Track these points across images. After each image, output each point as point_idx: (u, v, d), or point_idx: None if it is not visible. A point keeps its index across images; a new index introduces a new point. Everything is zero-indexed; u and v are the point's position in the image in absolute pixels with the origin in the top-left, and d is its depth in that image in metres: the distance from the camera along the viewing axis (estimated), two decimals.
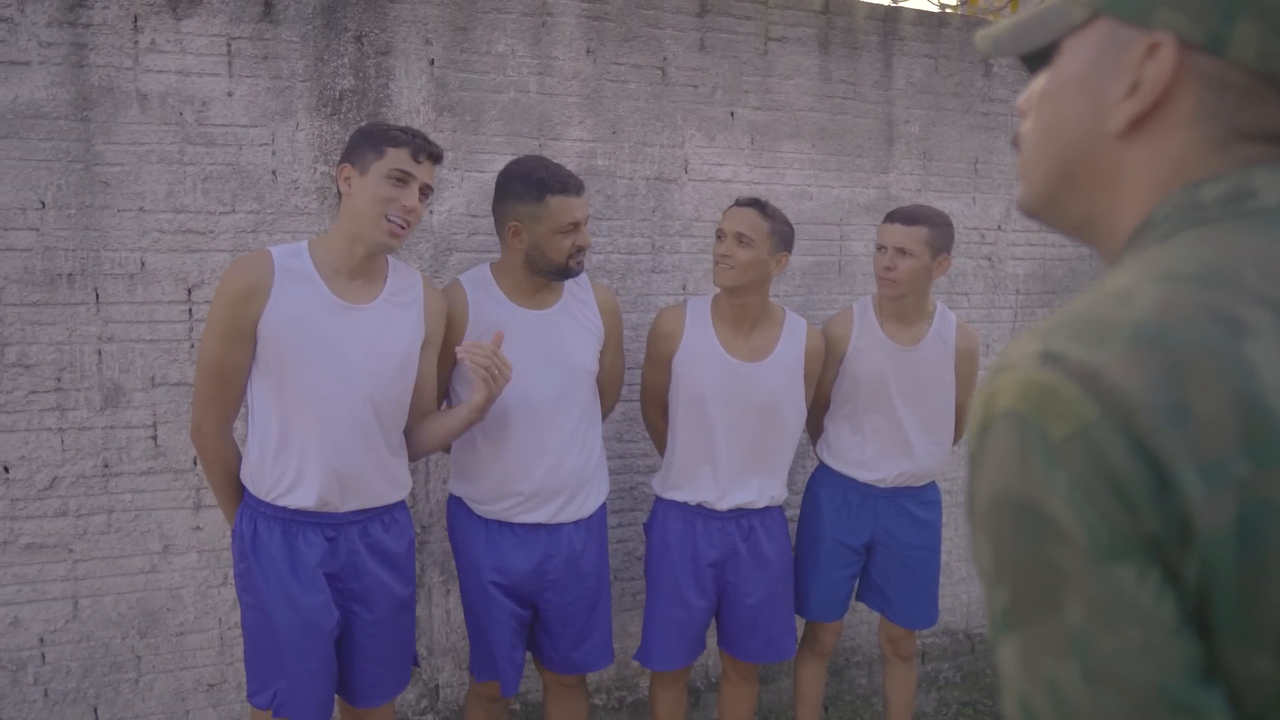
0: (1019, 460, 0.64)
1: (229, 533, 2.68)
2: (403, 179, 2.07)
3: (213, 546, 2.68)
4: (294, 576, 2.11)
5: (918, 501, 2.83)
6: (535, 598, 2.45)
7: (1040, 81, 0.83)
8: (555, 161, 2.47)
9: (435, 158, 2.13)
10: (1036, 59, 0.89)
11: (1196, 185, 0.73)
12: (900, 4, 3.37)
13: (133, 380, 2.57)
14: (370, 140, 2.09)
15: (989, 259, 3.58)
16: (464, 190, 2.82)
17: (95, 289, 2.52)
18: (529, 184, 2.30)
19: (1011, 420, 0.66)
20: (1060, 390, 0.64)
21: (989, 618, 0.71)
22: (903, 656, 2.95)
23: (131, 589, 2.63)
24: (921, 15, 3.39)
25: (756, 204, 2.51)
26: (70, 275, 2.49)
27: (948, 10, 3.79)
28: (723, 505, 2.58)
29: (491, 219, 2.81)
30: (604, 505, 2.55)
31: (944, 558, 3.55)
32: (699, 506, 2.60)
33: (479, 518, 2.43)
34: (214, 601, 2.71)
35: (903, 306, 2.71)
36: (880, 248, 2.67)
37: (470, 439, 2.41)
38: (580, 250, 2.35)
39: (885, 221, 2.68)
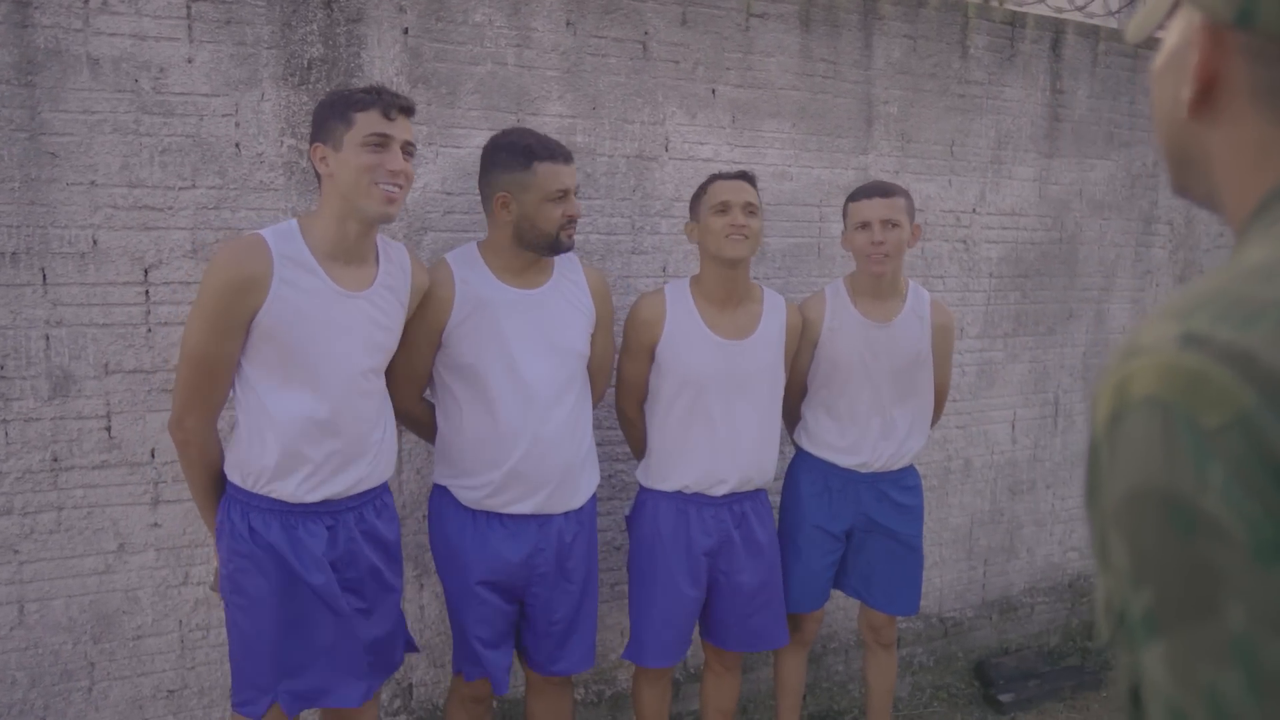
0: (1164, 451, 0.59)
1: (191, 529, 2.52)
2: (381, 142, 1.97)
3: (172, 544, 2.52)
4: (305, 567, 2.01)
5: (898, 486, 2.80)
6: (523, 593, 2.36)
7: (1156, 60, 0.82)
8: (541, 132, 2.37)
9: (407, 110, 2.03)
10: None
11: None
12: None
13: (84, 367, 2.39)
14: (334, 111, 1.98)
15: (964, 242, 3.56)
16: (439, 166, 2.68)
17: (42, 269, 2.32)
18: (516, 152, 2.24)
19: (1153, 407, 0.60)
20: (1211, 375, 0.58)
21: (1121, 618, 0.65)
22: (884, 644, 2.93)
23: (84, 591, 2.45)
24: None
25: (748, 175, 2.52)
26: (14, 254, 2.29)
27: None
28: (718, 490, 2.51)
29: (467, 198, 2.68)
30: (594, 498, 2.46)
31: None
32: (693, 494, 2.52)
33: (466, 510, 2.32)
34: (174, 603, 2.54)
35: (880, 283, 2.68)
36: (863, 225, 2.62)
37: (457, 423, 2.30)
38: (571, 221, 2.28)
39: (861, 199, 2.64)
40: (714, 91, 3.03)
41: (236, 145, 2.46)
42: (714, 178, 2.50)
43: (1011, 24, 3.61)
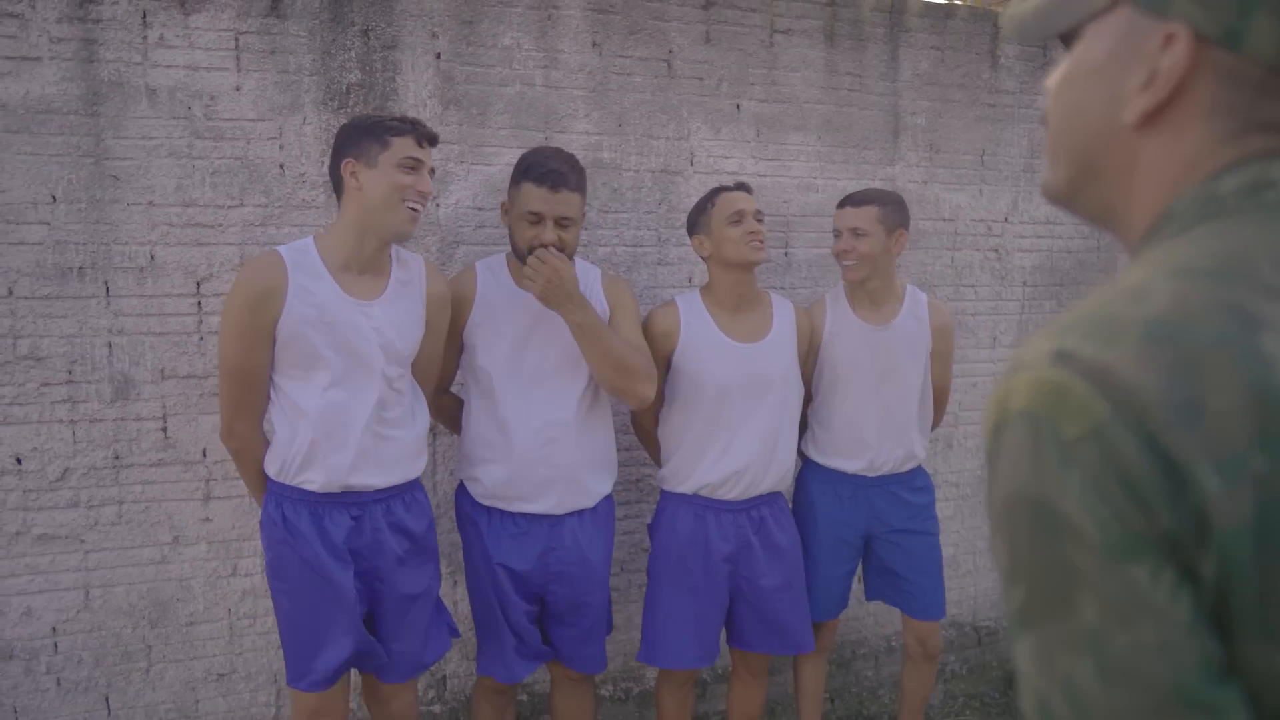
0: (1032, 460, 0.65)
1: (240, 524, 2.71)
2: (415, 166, 2.14)
3: (222, 538, 2.71)
4: (328, 554, 2.17)
5: (908, 488, 2.84)
6: (542, 590, 2.47)
7: (1063, 65, 0.82)
8: (570, 154, 2.47)
9: (434, 141, 2.21)
10: (1071, 37, 0.85)
11: (1215, 177, 0.72)
12: None
13: (142, 373, 2.59)
14: (370, 133, 2.14)
15: (996, 251, 3.58)
16: (470, 183, 2.83)
17: (105, 282, 2.54)
18: (518, 166, 2.40)
19: (1025, 420, 0.66)
20: (1072, 389, 0.63)
21: (1008, 616, 0.71)
22: (929, 655, 2.91)
23: (142, 579, 2.66)
24: (927, 7, 3.38)
25: (747, 186, 2.64)
26: (81, 269, 2.51)
27: (954, 1, 3.77)
28: (735, 493, 2.58)
29: (497, 213, 2.83)
30: (609, 499, 2.56)
31: (950, 550, 3.55)
32: (711, 499, 2.60)
33: (482, 506, 2.44)
34: (223, 592, 2.73)
35: (871, 289, 2.74)
36: (836, 233, 2.72)
37: (471, 420, 2.44)
38: (545, 247, 2.31)
39: (839, 207, 2.72)
40: (738, 106, 3.12)
41: (281, 166, 2.65)
42: (717, 190, 2.59)
43: None
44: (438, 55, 2.77)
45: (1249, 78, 0.71)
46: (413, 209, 2.14)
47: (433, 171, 2.21)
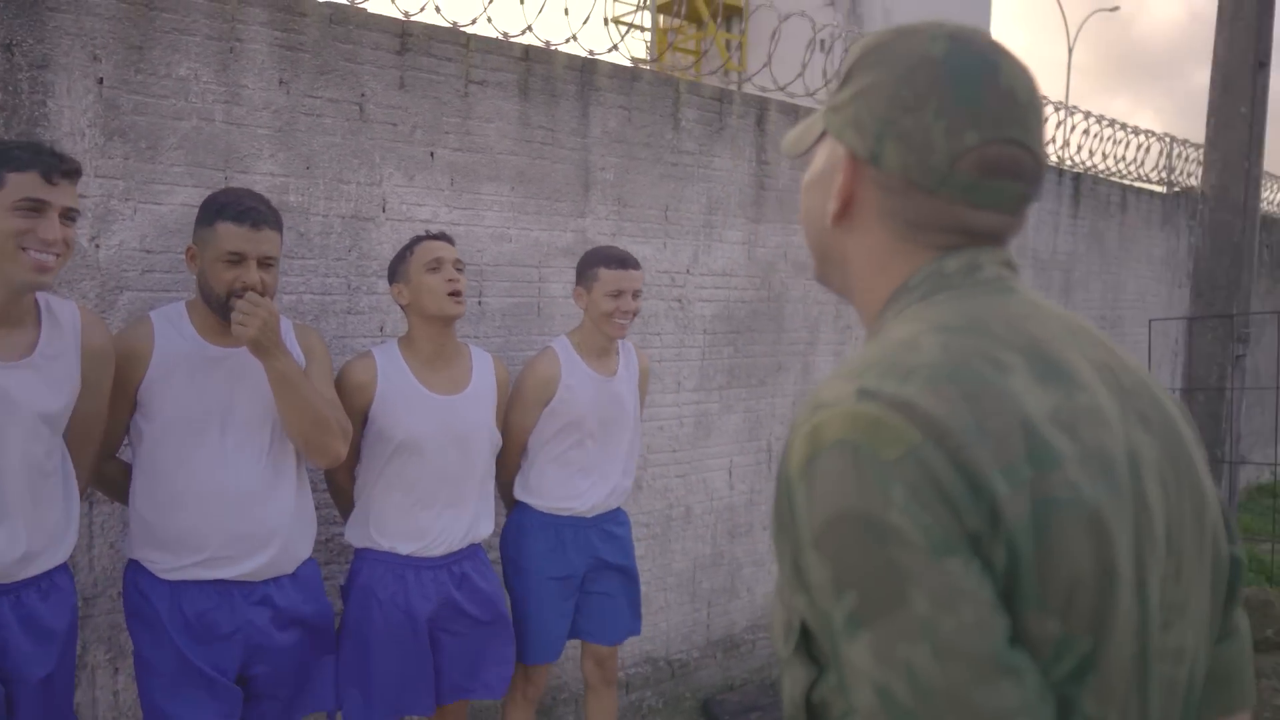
0: (856, 480, 0.76)
1: None
2: (35, 208, 1.81)
3: None
4: None
5: (615, 522, 3.01)
6: (244, 668, 2.29)
7: (806, 174, 1.02)
8: (262, 195, 2.33)
9: (73, 174, 1.88)
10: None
11: (941, 259, 0.91)
12: (596, 56, 3.51)
13: None
14: None
15: (679, 300, 3.79)
16: (137, 223, 2.57)
17: None
18: (208, 208, 2.23)
19: (844, 448, 0.77)
20: (885, 419, 0.76)
21: (825, 629, 0.79)
22: (608, 680, 3.04)
23: None
24: (616, 68, 3.55)
25: (448, 236, 2.65)
26: None
27: (640, 65, 3.98)
28: (437, 550, 2.54)
29: (169, 255, 2.60)
30: (312, 562, 2.42)
31: (643, 588, 3.68)
32: (410, 556, 2.52)
33: (164, 583, 2.21)
34: None
35: (601, 344, 2.88)
36: (617, 293, 2.81)
37: (156, 484, 2.21)
38: (248, 289, 2.15)
39: (616, 268, 2.81)
40: (433, 154, 3.09)
41: None
42: (418, 239, 2.57)
43: (720, 99, 3.91)
44: (100, 80, 2.50)
45: (895, 187, 0.90)
46: (37, 258, 1.82)
47: (73, 213, 1.89)
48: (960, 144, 0.86)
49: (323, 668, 2.44)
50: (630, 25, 13.85)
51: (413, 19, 3.04)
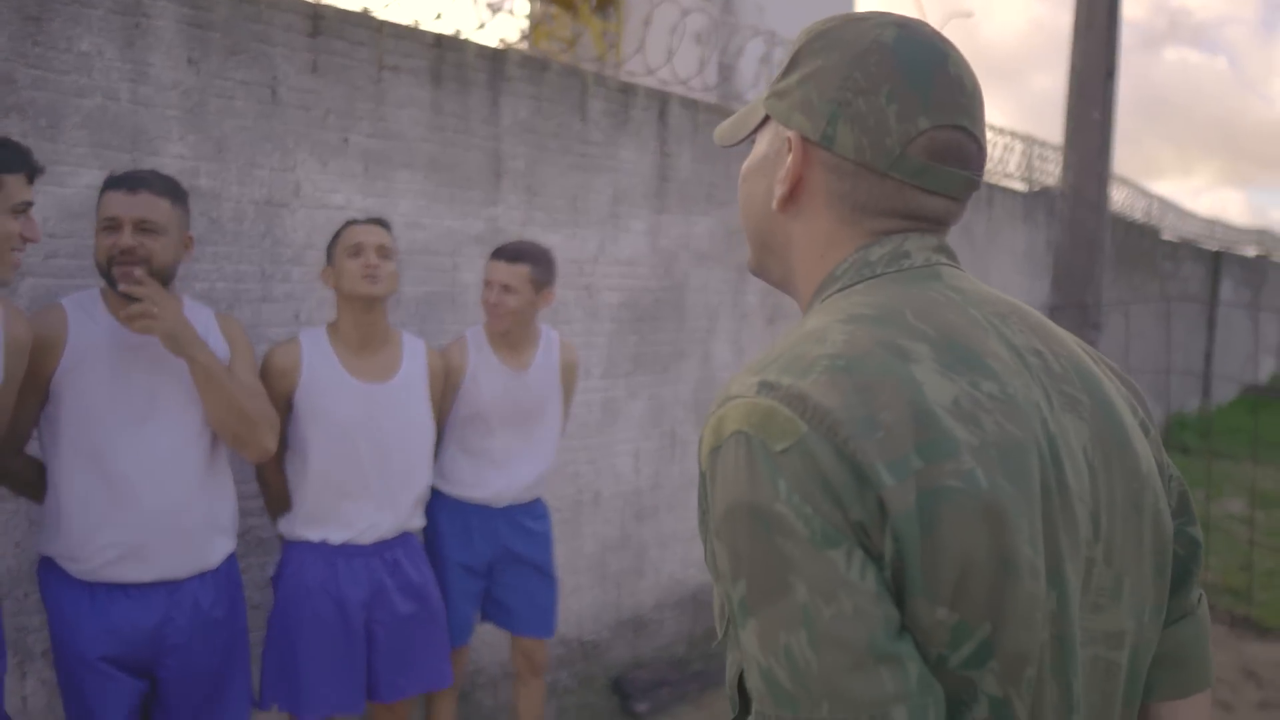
0: (748, 471, 0.78)
1: None
2: (27, 210, 1.85)
3: None
4: None
5: (531, 516, 3.00)
6: (152, 668, 2.21)
7: (744, 164, 1.01)
8: (162, 174, 2.27)
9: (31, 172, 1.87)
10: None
11: (866, 248, 0.92)
12: (508, 46, 3.52)
13: None
14: None
15: (586, 289, 3.84)
16: (39, 206, 2.42)
17: None
18: (105, 181, 2.19)
19: (740, 439, 0.79)
20: (777, 412, 0.78)
21: (727, 614, 0.82)
22: (536, 671, 3.05)
23: None
24: (526, 58, 3.57)
25: (383, 221, 2.62)
26: None
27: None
28: (368, 537, 2.51)
29: (74, 240, 2.49)
30: (233, 558, 2.37)
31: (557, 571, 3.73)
32: (341, 545, 2.50)
33: (83, 585, 2.13)
34: None
35: (511, 336, 2.87)
36: (488, 283, 2.80)
37: (74, 481, 2.11)
38: (125, 253, 2.08)
39: (492, 258, 2.82)
40: (346, 140, 3.05)
41: None
42: (348, 223, 2.55)
43: (624, 93, 3.98)
44: None
45: (845, 171, 0.91)
46: (16, 256, 1.84)
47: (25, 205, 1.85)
48: (913, 128, 0.87)
49: (235, 675, 2.35)
50: (498, 9, 13.71)
51: (324, 2, 2.99)
